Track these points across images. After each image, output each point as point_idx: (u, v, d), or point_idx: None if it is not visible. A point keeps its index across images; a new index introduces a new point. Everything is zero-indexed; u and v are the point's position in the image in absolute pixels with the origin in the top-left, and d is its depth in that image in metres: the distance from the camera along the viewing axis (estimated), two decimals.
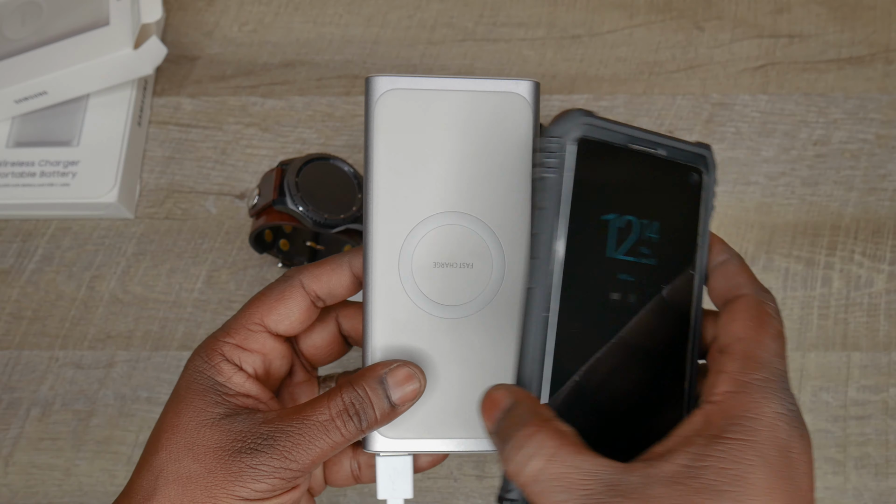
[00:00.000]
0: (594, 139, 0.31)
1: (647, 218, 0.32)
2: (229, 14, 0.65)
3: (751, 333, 0.31)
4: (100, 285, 0.58)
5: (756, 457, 0.28)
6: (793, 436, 0.29)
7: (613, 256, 0.32)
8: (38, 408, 0.55)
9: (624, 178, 0.32)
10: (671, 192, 0.33)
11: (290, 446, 0.33)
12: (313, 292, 0.37)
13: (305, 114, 0.62)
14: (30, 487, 0.53)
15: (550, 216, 0.30)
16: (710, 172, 0.33)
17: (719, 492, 0.27)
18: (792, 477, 0.28)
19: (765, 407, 0.29)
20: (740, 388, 0.30)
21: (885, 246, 0.57)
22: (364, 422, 0.34)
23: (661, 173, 0.33)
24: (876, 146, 0.60)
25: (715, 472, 0.28)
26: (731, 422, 0.29)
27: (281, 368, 0.38)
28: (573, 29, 0.64)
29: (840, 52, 0.62)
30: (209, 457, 0.33)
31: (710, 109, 0.61)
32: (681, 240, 0.33)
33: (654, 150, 0.32)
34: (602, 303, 0.31)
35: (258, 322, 0.36)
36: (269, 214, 0.52)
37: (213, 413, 0.34)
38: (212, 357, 0.36)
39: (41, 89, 0.58)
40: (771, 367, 0.30)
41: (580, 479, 0.28)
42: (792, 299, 0.56)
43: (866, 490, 0.52)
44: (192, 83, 0.63)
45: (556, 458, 0.28)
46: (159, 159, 0.61)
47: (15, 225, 0.60)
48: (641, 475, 0.28)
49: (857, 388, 0.54)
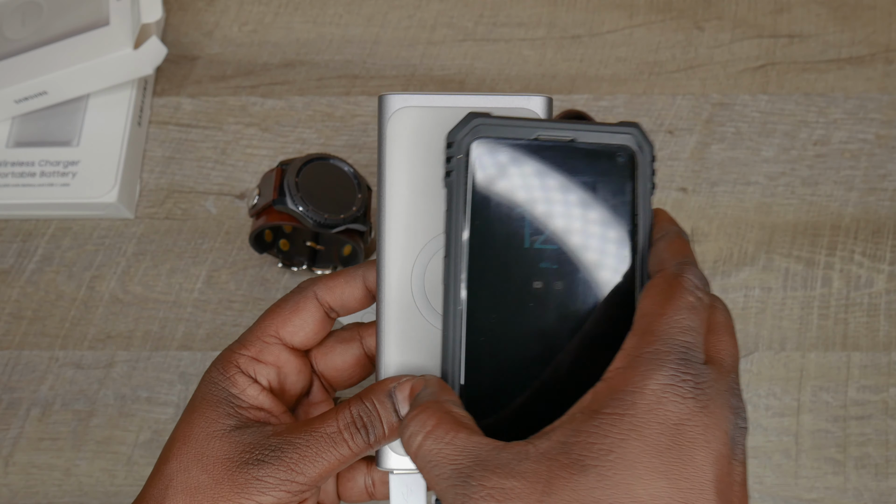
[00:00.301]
0: (493, 139, 0.32)
1: (566, 205, 0.33)
2: (229, 14, 0.65)
3: (655, 308, 0.30)
4: (100, 285, 0.58)
5: (630, 431, 0.27)
6: (683, 408, 0.28)
7: (532, 246, 0.32)
8: (38, 408, 0.55)
9: (535, 172, 0.33)
10: (594, 177, 0.33)
11: (298, 458, 0.33)
12: (326, 304, 0.37)
13: (305, 114, 0.62)
14: (30, 487, 0.53)
15: (456, 217, 0.32)
16: (643, 151, 0.33)
17: (584, 466, 0.27)
18: (679, 454, 0.27)
19: (649, 380, 0.28)
20: (629, 363, 0.29)
21: (885, 246, 0.57)
22: (372, 435, 0.33)
23: (581, 160, 0.33)
24: (876, 146, 0.60)
25: (583, 446, 0.27)
26: (611, 397, 0.28)
27: (297, 384, 0.38)
28: (573, 29, 0.64)
29: (840, 52, 0.62)
30: (217, 468, 0.33)
31: (710, 109, 0.61)
32: (613, 222, 0.33)
33: (567, 140, 0.33)
34: (523, 292, 0.32)
35: (273, 334, 0.36)
36: (269, 214, 0.52)
37: (224, 424, 0.34)
38: (227, 369, 0.36)
39: (41, 89, 0.58)
40: (667, 339, 0.29)
41: (451, 453, 0.28)
42: (792, 299, 0.56)
43: (866, 490, 0.52)
44: (192, 83, 0.63)
45: (433, 434, 0.29)
46: (159, 159, 0.61)
47: (15, 225, 0.60)
48: (516, 452, 0.28)
49: (857, 388, 0.54)
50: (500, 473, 0.27)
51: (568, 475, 0.27)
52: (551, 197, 0.32)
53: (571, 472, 0.27)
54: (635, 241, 0.33)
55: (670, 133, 0.60)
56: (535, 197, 0.32)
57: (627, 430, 0.27)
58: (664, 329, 0.29)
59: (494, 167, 0.32)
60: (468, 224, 0.32)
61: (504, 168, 0.32)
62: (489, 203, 0.32)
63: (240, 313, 0.57)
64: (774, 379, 0.54)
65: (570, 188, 0.33)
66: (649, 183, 0.33)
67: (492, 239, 0.32)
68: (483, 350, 0.32)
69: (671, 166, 0.59)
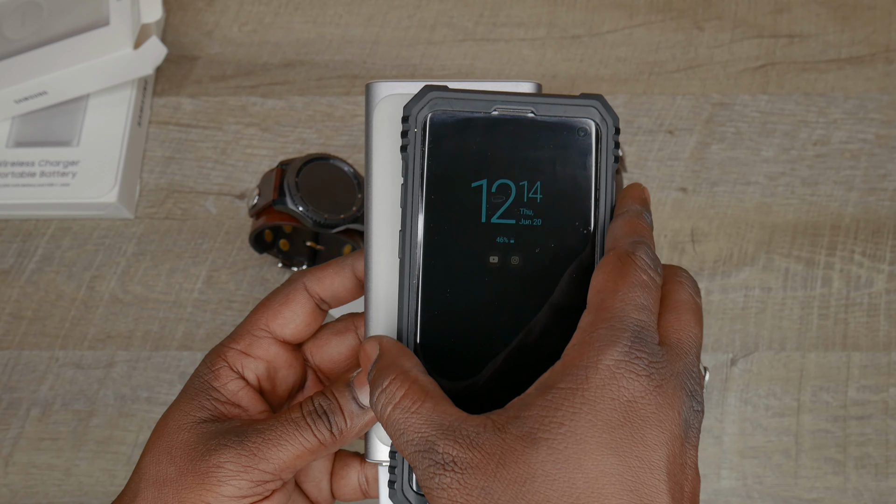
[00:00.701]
0: (449, 112, 0.32)
1: (525, 180, 0.32)
2: (229, 14, 0.65)
3: (609, 285, 0.30)
4: (100, 285, 0.58)
5: (582, 405, 0.27)
6: (637, 385, 0.28)
7: (488, 221, 0.32)
8: (38, 408, 0.55)
9: (491, 145, 0.32)
10: (555, 151, 0.33)
11: (260, 442, 0.32)
12: (317, 295, 0.37)
13: (305, 114, 0.62)
14: (30, 487, 0.53)
15: (411, 190, 0.32)
16: (606, 124, 0.33)
17: (536, 440, 0.27)
18: (630, 432, 0.27)
19: (603, 355, 0.28)
20: (583, 340, 0.29)
21: (885, 246, 0.57)
22: (334, 425, 0.33)
23: (539, 134, 0.32)
24: (876, 146, 0.60)
25: (536, 420, 0.27)
26: (565, 372, 0.28)
27: (288, 378, 0.37)
28: (573, 29, 0.64)
29: (840, 52, 0.62)
30: (182, 459, 0.33)
31: (710, 109, 0.61)
32: (574, 197, 0.33)
33: (525, 113, 0.32)
34: (479, 266, 0.32)
35: (263, 327, 0.36)
36: (269, 214, 0.52)
37: (195, 417, 0.34)
38: (215, 362, 0.36)
39: (41, 89, 0.58)
40: (622, 317, 0.29)
41: (418, 423, 0.29)
42: (792, 299, 0.56)
43: (866, 490, 0.52)
44: (192, 83, 0.63)
45: (401, 405, 0.29)
46: (159, 159, 0.61)
47: (15, 225, 0.60)
48: (476, 424, 0.28)
49: (857, 388, 0.54)
50: (461, 444, 0.28)
51: (521, 448, 0.27)
52: (510, 171, 0.32)
53: (524, 445, 0.27)
54: (596, 216, 0.33)
55: (670, 133, 0.60)
56: (492, 171, 0.32)
57: (579, 404, 0.27)
58: (618, 306, 0.29)
59: (451, 141, 0.32)
60: (424, 198, 0.32)
61: (461, 142, 0.32)
62: (445, 177, 0.32)
63: (240, 313, 0.57)
64: (774, 379, 0.54)
65: (530, 162, 0.32)
66: (612, 156, 0.33)
67: (448, 213, 0.32)
68: (438, 325, 0.32)
69: (671, 166, 0.59)
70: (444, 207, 0.32)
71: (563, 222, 0.32)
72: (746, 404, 0.54)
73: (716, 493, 0.52)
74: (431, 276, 0.32)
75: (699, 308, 0.32)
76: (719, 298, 0.56)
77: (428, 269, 0.32)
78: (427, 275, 0.32)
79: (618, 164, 0.33)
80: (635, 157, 0.60)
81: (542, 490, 0.26)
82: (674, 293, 0.32)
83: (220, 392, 0.35)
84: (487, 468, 0.27)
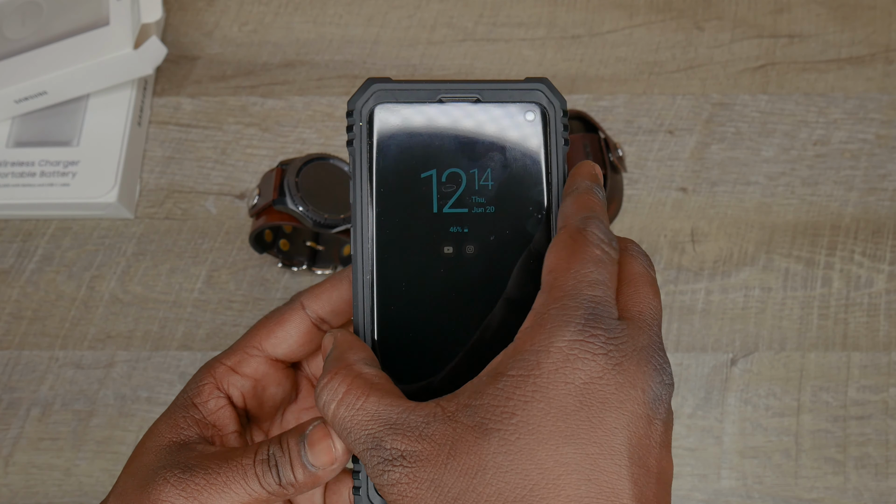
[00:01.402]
0: (393, 104, 0.32)
1: (475, 167, 0.32)
2: (229, 14, 0.65)
3: (561, 264, 0.28)
4: (100, 285, 0.58)
5: (534, 393, 0.26)
6: (593, 366, 0.26)
7: (440, 211, 0.32)
8: (38, 408, 0.55)
9: (438, 134, 0.32)
10: (503, 137, 0.32)
11: (204, 485, 0.31)
12: (315, 313, 0.36)
13: (305, 114, 0.62)
14: (30, 487, 0.53)
15: (359, 184, 0.32)
16: (553, 106, 0.32)
17: (487, 430, 0.26)
18: (588, 416, 0.26)
19: (555, 337, 0.26)
20: (535, 322, 0.27)
21: (885, 246, 0.57)
22: (283, 478, 0.31)
23: (487, 120, 0.32)
24: (876, 146, 0.60)
25: (486, 409, 0.26)
26: (515, 357, 0.27)
27: (276, 396, 0.37)
28: (573, 29, 0.64)
29: (840, 52, 0.62)
30: (138, 482, 0.32)
31: (710, 109, 0.61)
32: (525, 182, 0.32)
33: (472, 100, 0.32)
34: (433, 257, 0.32)
35: (256, 346, 0.36)
36: (269, 214, 0.52)
37: (166, 439, 0.33)
38: (203, 377, 0.35)
39: (41, 89, 0.58)
40: (574, 295, 0.27)
41: (363, 419, 0.28)
42: (792, 299, 0.56)
43: (866, 490, 0.52)
44: (192, 83, 0.63)
45: (344, 401, 0.28)
46: (159, 159, 0.61)
47: (15, 225, 0.60)
48: (424, 414, 0.27)
49: (857, 388, 0.54)
50: (409, 436, 0.27)
51: (472, 439, 0.26)
52: (459, 159, 0.32)
53: (475, 435, 0.26)
54: (549, 200, 0.32)
55: (670, 133, 0.60)
56: (441, 160, 0.32)
57: (531, 391, 0.26)
58: (571, 284, 0.28)
59: (397, 132, 0.32)
60: (373, 192, 0.32)
61: (408, 132, 0.32)
62: (394, 169, 0.32)
63: (240, 313, 0.57)
64: (774, 379, 0.54)
65: (479, 149, 0.32)
66: (561, 139, 0.32)
67: (399, 205, 0.32)
68: (395, 318, 0.32)
69: (671, 166, 0.59)
70: (394, 200, 0.32)
71: (516, 208, 0.32)
72: (746, 404, 0.54)
73: (716, 493, 0.52)
74: (385, 270, 0.32)
75: (655, 280, 0.30)
76: (719, 298, 0.56)
77: (381, 264, 0.32)
78: (381, 269, 0.32)
79: (568, 147, 0.32)
80: (635, 157, 0.60)
81: (494, 482, 0.25)
82: (627, 266, 0.30)
83: (198, 410, 0.34)
84: (437, 459, 0.26)
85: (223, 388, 0.35)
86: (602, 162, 0.54)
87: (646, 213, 0.58)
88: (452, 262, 0.32)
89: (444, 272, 0.32)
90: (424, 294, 0.32)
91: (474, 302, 0.31)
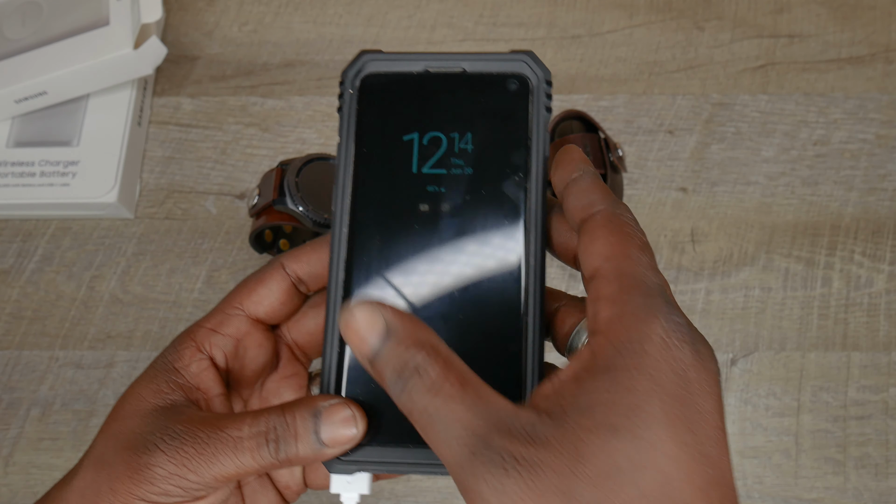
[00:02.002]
0: (382, 73, 0.33)
1: (456, 132, 0.33)
2: (229, 14, 0.65)
3: (616, 249, 0.28)
4: (100, 285, 0.58)
5: (649, 383, 0.25)
6: (686, 353, 0.26)
7: (419, 171, 0.33)
8: (38, 408, 0.55)
9: (423, 100, 0.33)
10: (486, 104, 0.33)
11: (193, 454, 0.30)
12: (294, 273, 0.35)
13: (305, 114, 0.62)
14: (30, 487, 0.53)
15: (344, 147, 0.33)
16: (538, 77, 0.33)
17: (615, 428, 0.24)
18: (692, 401, 0.25)
19: (651, 326, 0.26)
20: (621, 311, 0.26)
21: (885, 246, 0.57)
22: (283, 453, 0.30)
23: (470, 88, 0.33)
24: (876, 146, 0.60)
25: (606, 406, 0.25)
26: (618, 349, 0.26)
27: (257, 358, 0.35)
28: (573, 29, 0.64)
29: (840, 52, 0.62)
30: (123, 447, 0.31)
31: (710, 109, 0.61)
32: (505, 147, 0.33)
33: (457, 71, 0.33)
34: (409, 214, 0.33)
35: (237, 305, 0.35)
36: (269, 214, 0.52)
37: (150, 403, 0.32)
38: (182, 341, 0.34)
39: (41, 89, 0.58)
40: (648, 282, 0.27)
41: (462, 413, 0.25)
42: (792, 299, 0.56)
43: (866, 490, 0.52)
44: (192, 83, 0.63)
45: (438, 387, 0.26)
46: (159, 159, 0.61)
47: (15, 225, 0.60)
48: (529, 416, 0.25)
49: (857, 388, 0.54)
50: (522, 440, 0.24)
51: (600, 440, 0.24)
52: (441, 124, 0.33)
53: (601, 435, 0.24)
54: (528, 167, 0.33)
55: (670, 133, 0.60)
56: (424, 124, 0.33)
57: (647, 382, 0.25)
58: (639, 271, 0.27)
59: (384, 98, 0.33)
60: (355, 151, 0.33)
61: (393, 99, 0.33)
62: (378, 132, 0.33)
63: None
64: (774, 379, 0.54)
65: (461, 115, 0.33)
66: (544, 108, 0.33)
67: (379, 165, 0.33)
68: (368, 272, 0.32)
69: (671, 166, 0.59)
70: (375, 160, 0.33)
71: (495, 171, 0.33)
72: (746, 404, 0.54)
73: None
74: (361, 225, 0.32)
75: None
76: (719, 298, 0.56)
77: (357, 218, 0.32)
78: (356, 223, 0.32)
79: (550, 115, 0.33)
80: (635, 157, 0.60)
81: (633, 483, 0.24)
82: None
83: (181, 374, 0.33)
84: (563, 467, 0.24)
85: (205, 350, 0.34)
86: (602, 162, 0.54)
87: (646, 213, 0.58)
88: (427, 219, 0.32)
89: (418, 229, 0.32)
90: (398, 249, 0.32)
91: (448, 259, 0.32)
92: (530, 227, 0.32)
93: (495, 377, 0.28)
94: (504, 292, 0.32)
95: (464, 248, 0.32)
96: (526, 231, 0.32)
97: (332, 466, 0.31)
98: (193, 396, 0.33)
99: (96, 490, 0.31)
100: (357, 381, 0.32)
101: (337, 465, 0.31)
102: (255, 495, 0.35)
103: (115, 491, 0.30)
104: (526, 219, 0.32)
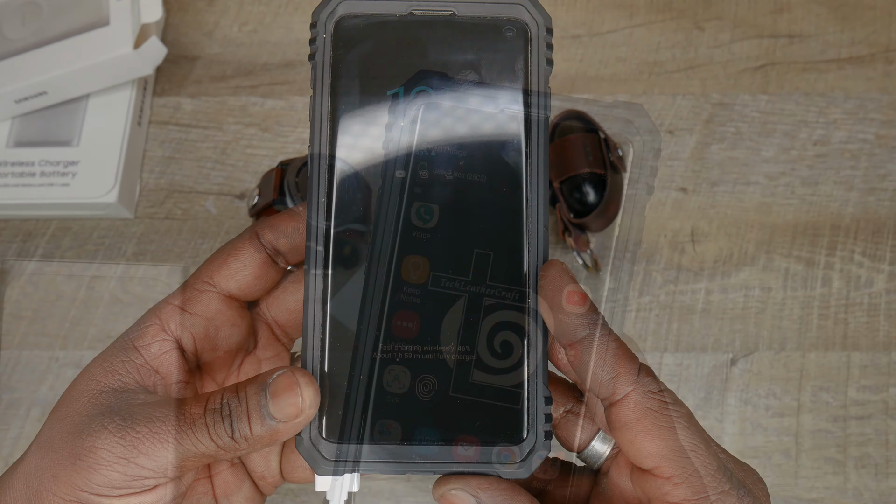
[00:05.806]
0: (362, 15, 0.29)
1: (448, 86, 0.30)
2: (229, 14, 0.65)
3: (669, 444, 0.28)
4: (100, 285, 0.58)
5: None
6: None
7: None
8: (38, 408, 0.55)
9: (409, 49, 0.29)
10: (479, 54, 0.30)
11: (147, 433, 0.27)
12: (270, 244, 0.32)
13: (305, 114, 0.62)
14: None
15: (318, 102, 0.30)
16: (537, 24, 0.30)
17: None
18: None
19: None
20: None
21: (885, 246, 0.57)
22: (237, 431, 0.27)
23: (462, 35, 0.30)
24: (876, 146, 0.60)
25: None
26: None
27: (230, 339, 0.32)
28: (573, 29, 0.64)
29: (840, 52, 0.62)
30: (68, 431, 0.28)
31: (710, 109, 0.61)
32: (501, 103, 0.30)
33: (446, 14, 0.30)
34: (394, 181, 0.30)
35: (207, 280, 0.32)
36: (269, 214, 0.52)
37: (101, 384, 0.29)
38: (147, 318, 0.31)
39: (41, 89, 0.58)
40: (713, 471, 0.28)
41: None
42: (792, 299, 0.56)
43: (866, 490, 0.52)
44: (192, 83, 0.63)
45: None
46: (159, 159, 0.61)
47: (15, 225, 0.60)
48: None
49: (857, 388, 0.54)
50: None
51: None
52: (430, 77, 0.30)
53: None
54: (528, 122, 0.30)
55: (670, 133, 0.60)
56: (413, 74, 0.29)
57: None
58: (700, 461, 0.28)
59: (364, 46, 0.29)
60: (332, 108, 0.29)
61: (375, 47, 0.29)
62: (357, 85, 0.29)
63: None
64: (774, 379, 0.54)
65: (452, 66, 0.29)
66: (544, 58, 0.30)
67: (361, 123, 0.29)
68: (344, 236, 0.29)
69: (671, 166, 0.59)
70: (356, 117, 0.29)
71: (491, 130, 0.30)
72: (746, 404, 0.54)
73: None
74: (340, 189, 0.29)
75: None
76: (719, 298, 0.56)
77: (335, 183, 0.29)
78: (336, 187, 0.29)
79: (551, 69, 0.30)
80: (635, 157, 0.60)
81: None
82: None
83: (139, 353, 0.30)
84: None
85: (170, 331, 0.31)
86: (602, 162, 0.54)
87: (646, 213, 0.58)
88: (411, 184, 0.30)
89: (405, 197, 0.30)
90: (377, 214, 0.29)
91: (429, 218, 0.29)
92: (531, 203, 0.30)
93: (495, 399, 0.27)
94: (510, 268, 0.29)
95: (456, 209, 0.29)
96: (527, 205, 0.30)
97: (317, 467, 0.29)
98: (149, 381, 0.30)
99: (39, 477, 0.28)
100: (340, 363, 0.29)
101: (323, 467, 0.29)
102: (228, 486, 0.32)
103: (57, 478, 0.28)
104: (527, 193, 0.30)
